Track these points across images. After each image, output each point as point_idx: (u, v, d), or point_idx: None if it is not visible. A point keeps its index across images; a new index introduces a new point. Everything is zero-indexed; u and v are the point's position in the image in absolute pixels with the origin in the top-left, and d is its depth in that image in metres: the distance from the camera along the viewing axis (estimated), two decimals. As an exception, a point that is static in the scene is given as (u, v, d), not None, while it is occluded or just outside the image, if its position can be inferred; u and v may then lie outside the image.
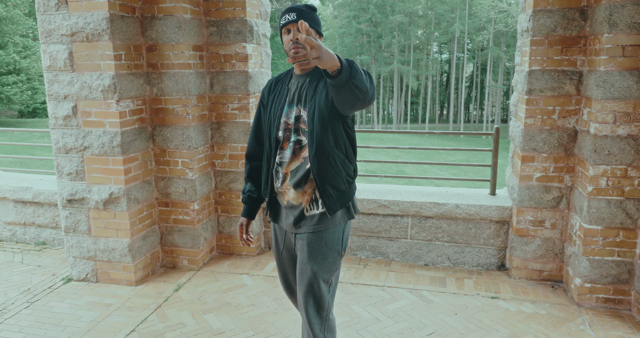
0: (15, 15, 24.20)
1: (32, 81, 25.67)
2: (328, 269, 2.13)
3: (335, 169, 2.05)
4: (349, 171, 2.11)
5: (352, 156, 2.13)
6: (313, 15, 2.05)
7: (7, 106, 25.85)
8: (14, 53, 24.31)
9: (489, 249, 3.98)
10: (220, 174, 4.19)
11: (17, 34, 25.10)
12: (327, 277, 2.13)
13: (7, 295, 3.65)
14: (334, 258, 2.14)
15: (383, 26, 42.15)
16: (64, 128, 3.58)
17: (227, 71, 3.97)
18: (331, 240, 2.12)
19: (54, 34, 3.43)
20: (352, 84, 1.67)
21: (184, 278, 3.87)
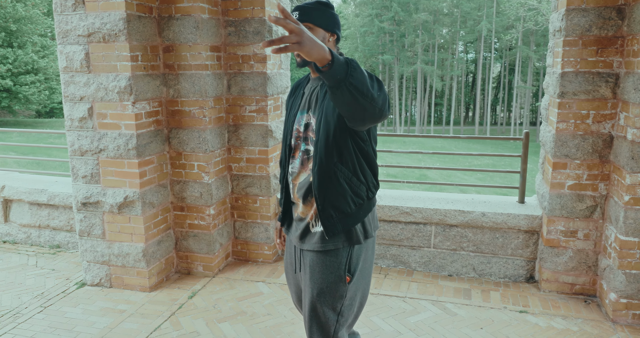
0: (34, 15, 24.81)
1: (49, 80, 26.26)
2: (330, 295, 2.00)
3: (338, 188, 1.92)
4: (359, 191, 1.95)
5: (367, 174, 1.97)
6: (321, 11, 1.91)
7: (25, 106, 26.48)
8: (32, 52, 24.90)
9: (517, 260, 3.90)
10: (237, 178, 4.20)
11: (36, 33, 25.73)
12: (331, 303, 2.01)
13: (21, 298, 3.71)
14: (335, 284, 1.99)
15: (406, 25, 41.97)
16: (80, 130, 3.63)
17: (245, 72, 3.99)
18: (333, 263, 1.98)
19: (70, 34, 3.48)
20: (349, 85, 1.48)
21: (199, 285, 3.89)
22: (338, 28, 1.97)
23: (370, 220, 2.03)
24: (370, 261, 2.10)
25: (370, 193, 2.00)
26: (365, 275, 2.08)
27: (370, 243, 2.06)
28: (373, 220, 2.06)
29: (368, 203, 2.01)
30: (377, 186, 2.05)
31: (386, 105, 1.61)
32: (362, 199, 1.97)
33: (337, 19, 1.98)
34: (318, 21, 1.90)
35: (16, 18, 23.98)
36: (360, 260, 2.01)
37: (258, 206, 4.20)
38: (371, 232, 2.03)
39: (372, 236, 2.04)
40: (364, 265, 2.05)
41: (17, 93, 24.45)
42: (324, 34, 1.91)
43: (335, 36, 1.96)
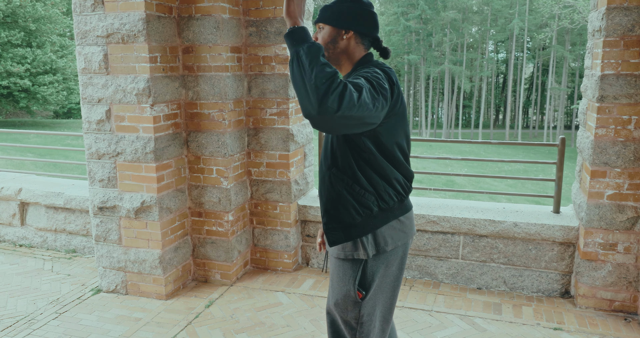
0: (54, 14, 25.40)
1: (68, 81, 26.83)
2: (342, 308, 2.00)
3: (333, 196, 1.92)
4: (364, 201, 1.90)
5: (376, 183, 1.90)
6: (333, 9, 1.94)
7: (43, 107, 27.09)
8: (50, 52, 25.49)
9: (551, 273, 3.81)
10: (257, 183, 4.21)
11: (55, 33, 26.34)
12: (347, 316, 2.00)
13: (37, 304, 3.78)
14: (346, 298, 1.98)
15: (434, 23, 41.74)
16: (97, 133, 3.69)
17: (266, 73, 4.00)
18: (345, 274, 1.97)
19: (89, 35, 3.54)
20: (295, 57, 1.60)
21: (216, 294, 3.90)
22: (355, 23, 1.93)
23: (388, 232, 1.96)
24: (395, 276, 2.05)
25: (382, 203, 1.93)
26: (386, 289, 2.04)
27: (393, 257, 2.00)
28: (394, 233, 1.97)
29: (381, 213, 1.94)
30: (398, 196, 1.97)
31: (332, 99, 1.53)
32: (370, 209, 1.91)
33: (351, 13, 1.93)
34: (327, 20, 1.94)
35: (35, 17, 24.59)
36: (377, 274, 1.97)
37: (278, 212, 4.20)
38: (385, 246, 1.95)
39: (385, 251, 1.96)
40: (384, 280, 2.01)
41: (35, 93, 25.04)
42: (335, 31, 1.93)
43: (351, 33, 1.93)
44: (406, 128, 1.98)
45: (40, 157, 16.53)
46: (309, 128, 4.45)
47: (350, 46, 1.95)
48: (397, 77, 1.89)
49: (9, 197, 4.90)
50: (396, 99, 1.84)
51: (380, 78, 1.78)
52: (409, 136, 2.02)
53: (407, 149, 2.00)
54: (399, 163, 1.95)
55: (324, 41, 1.95)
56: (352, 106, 1.57)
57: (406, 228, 2.02)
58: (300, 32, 1.67)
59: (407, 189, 2.01)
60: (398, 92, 1.85)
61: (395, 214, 1.97)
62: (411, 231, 2.05)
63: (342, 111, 1.55)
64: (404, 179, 1.99)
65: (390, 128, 1.87)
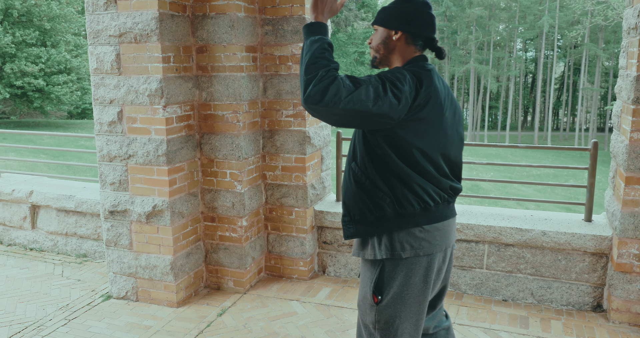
0: (69, 13, 25.89)
1: (82, 80, 27.31)
2: (362, 309, 2.05)
3: (350, 189, 2.01)
4: (378, 201, 1.94)
5: (393, 185, 1.93)
6: (386, 10, 2.03)
7: (57, 107, 27.60)
8: (65, 52, 25.96)
9: (582, 286, 3.73)
10: (272, 187, 4.21)
11: (70, 32, 26.84)
12: (363, 319, 2.05)
13: (46, 310, 3.83)
14: (364, 299, 2.03)
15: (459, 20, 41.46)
16: (109, 135, 3.72)
17: (282, 73, 4.00)
18: (365, 275, 2.04)
19: (101, 34, 3.58)
20: (302, 48, 1.84)
21: (229, 302, 3.90)
22: (404, 23, 1.99)
23: (407, 239, 1.96)
24: (420, 289, 2.01)
25: (399, 207, 1.94)
26: (410, 302, 2.01)
27: (416, 267, 1.99)
28: (415, 241, 1.97)
29: (397, 217, 1.94)
30: (420, 203, 1.96)
31: (311, 95, 1.70)
32: (383, 209, 1.94)
33: (401, 13, 2.00)
34: (380, 21, 2.04)
35: (50, 16, 25.09)
36: (394, 281, 1.98)
37: (293, 218, 4.19)
38: (401, 252, 1.95)
39: (401, 258, 1.96)
40: (406, 290, 2.00)
41: (49, 93, 25.52)
42: (386, 32, 2.02)
43: (400, 34, 1.99)
44: (441, 138, 1.96)
45: (54, 158, 16.83)
46: (326, 130, 4.44)
47: (400, 47, 2.02)
48: (436, 84, 1.92)
49: (20, 200, 4.98)
50: (421, 104, 1.86)
51: (400, 79, 1.82)
52: (447, 147, 2.00)
53: (438, 159, 1.97)
54: (423, 170, 1.94)
55: (376, 43, 2.05)
56: (337, 100, 1.70)
57: (433, 238, 1.99)
58: (316, 26, 1.87)
59: (436, 199, 1.99)
60: (426, 97, 1.87)
61: (417, 221, 1.96)
62: (441, 243, 2.01)
63: (324, 103, 1.70)
64: (435, 187, 1.98)
65: (412, 132, 1.88)
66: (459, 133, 2.09)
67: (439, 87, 1.94)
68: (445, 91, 2.01)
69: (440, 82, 1.99)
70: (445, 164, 2.02)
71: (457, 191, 2.09)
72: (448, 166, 2.04)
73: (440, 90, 1.94)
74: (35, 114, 32.08)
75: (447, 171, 2.02)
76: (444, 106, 1.95)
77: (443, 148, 1.99)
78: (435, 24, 2.06)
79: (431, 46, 2.06)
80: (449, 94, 2.05)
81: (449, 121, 2.00)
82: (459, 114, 2.11)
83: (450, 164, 2.05)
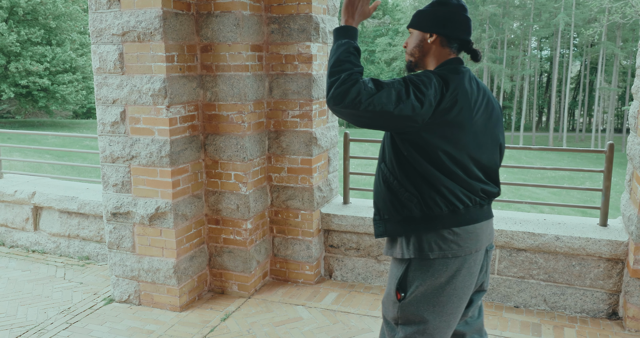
0: (74, 11, 26.12)
1: (87, 80, 27.51)
2: (385, 305, 2.13)
3: (379, 189, 2.10)
4: (405, 201, 2.02)
5: (420, 187, 1.99)
6: (422, 13, 2.10)
7: (62, 106, 27.82)
8: (70, 50, 26.17)
9: (596, 292, 3.68)
10: (277, 189, 4.20)
11: (75, 30, 27.06)
12: (386, 315, 2.12)
13: (47, 313, 3.85)
14: (388, 296, 2.11)
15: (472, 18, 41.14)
16: (111, 135, 3.74)
17: (288, 73, 3.99)
18: (392, 272, 2.12)
19: (104, 33, 3.60)
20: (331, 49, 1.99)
21: (233, 306, 3.90)
22: (438, 26, 2.05)
23: (435, 240, 2.01)
24: (448, 293, 2.03)
25: (426, 208, 1.99)
26: (434, 303, 2.03)
27: (441, 268, 2.01)
28: (443, 243, 2.00)
29: (424, 218, 2.00)
30: (448, 205, 1.99)
31: (333, 96, 1.83)
32: (410, 210, 2.01)
33: (436, 16, 2.06)
34: (415, 24, 2.11)
35: (56, 14, 25.31)
36: (418, 280, 2.03)
37: (299, 221, 4.18)
38: (429, 253, 2.01)
39: (428, 258, 2.02)
40: (431, 291, 2.03)
41: (54, 93, 25.74)
42: (421, 35, 2.08)
43: (435, 36, 2.05)
44: (470, 141, 1.98)
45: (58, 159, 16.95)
46: (333, 131, 4.43)
47: (435, 49, 2.08)
48: (465, 87, 1.96)
49: (22, 201, 5.02)
50: (447, 108, 1.91)
51: (425, 82, 1.89)
52: (478, 151, 2.02)
53: (467, 162, 1.99)
54: (450, 172, 1.98)
55: (411, 46, 2.12)
56: (357, 102, 1.81)
57: (462, 241, 2.02)
58: (344, 30, 2.00)
59: (466, 201, 2.01)
60: (452, 101, 1.92)
61: (446, 223, 2.00)
62: (471, 246, 2.03)
63: (345, 105, 1.82)
64: (464, 190, 2.01)
65: (438, 136, 1.93)
66: (493, 137, 2.10)
67: (469, 90, 1.98)
68: (480, 94, 2.03)
69: (474, 85, 2.02)
70: (476, 168, 2.03)
71: (492, 194, 2.10)
72: (480, 170, 2.05)
73: (470, 93, 1.98)
74: (40, 113, 32.37)
75: (479, 174, 2.05)
76: (473, 109, 1.98)
77: (473, 152, 2.00)
78: (471, 27, 2.11)
79: (466, 48, 2.11)
80: (486, 97, 2.07)
81: (481, 124, 2.02)
82: (496, 117, 2.11)
83: (482, 168, 2.06)
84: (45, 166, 14.90)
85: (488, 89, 2.15)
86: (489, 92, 2.12)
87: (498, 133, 2.13)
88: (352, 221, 4.18)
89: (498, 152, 2.14)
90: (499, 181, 2.15)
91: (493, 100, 2.12)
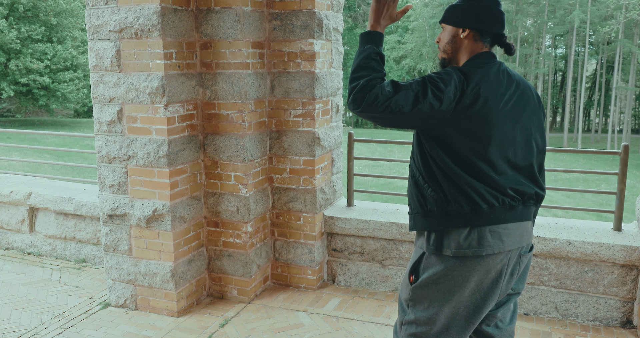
0: (75, 8, 26.26)
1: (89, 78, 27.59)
2: (402, 286, 2.23)
3: (410, 184, 2.20)
4: (428, 198, 2.09)
5: (443, 184, 2.04)
6: (454, 8, 2.16)
7: (63, 105, 27.97)
8: (71, 48, 26.31)
9: (610, 300, 3.64)
10: (279, 191, 4.18)
11: (76, 27, 27.21)
12: (401, 296, 2.22)
13: (41, 318, 3.84)
14: (405, 278, 2.20)
15: (483, 15, 41.08)
16: (108, 135, 3.73)
17: (290, 71, 3.98)
18: (412, 258, 2.21)
19: (101, 30, 3.59)
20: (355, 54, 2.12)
21: (232, 312, 3.88)
22: (471, 21, 2.10)
23: (454, 238, 2.03)
24: (462, 291, 2.06)
25: (447, 205, 2.03)
26: (446, 297, 2.08)
27: (457, 266, 2.04)
28: (463, 241, 2.02)
29: (446, 215, 2.03)
30: (471, 204, 2.00)
31: (352, 101, 1.96)
32: (433, 207, 2.07)
33: (469, 11, 2.11)
34: (447, 19, 2.17)
35: (57, 11, 25.46)
36: (429, 269, 2.09)
37: (302, 223, 4.16)
38: (447, 249, 2.05)
39: (443, 255, 2.06)
40: (443, 283, 2.07)
41: (55, 91, 25.88)
42: (454, 30, 2.14)
43: (467, 31, 2.10)
44: (496, 136, 1.99)
45: (58, 159, 17.04)
46: (337, 131, 4.40)
47: (467, 44, 2.13)
48: (491, 80, 2.00)
49: (18, 202, 5.02)
50: (469, 103, 1.95)
51: (445, 79, 1.96)
52: (506, 147, 2.03)
53: (494, 159, 2.01)
54: (474, 170, 2.00)
55: (444, 41, 2.18)
56: (375, 106, 1.93)
57: (484, 240, 2.01)
58: (368, 36, 2.11)
59: (490, 201, 2.01)
60: (474, 96, 1.96)
61: (468, 222, 2.01)
62: (494, 247, 2.01)
63: (363, 109, 1.95)
64: (490, 189, 2.01)
65: (461, 131, 1.98)
66: (526, 132, 2.09)
67: (496, 83, 2.01)
68: (510, 87, 2.05)
69: (503, 77, 2.05)
70: (507, 165, 2.03)
71: (526, 195, 2.07)
72: (512, 167, 2.05)
73: (497, 86, 2.01)
74: (41, 112, 32.55)
75: (508, 172, 2.04)
76: (500, 103, 2.00)
77: (501, 148, 2.01)
78: (504, 21, 2.14)
79: (500, 42, 2.15)
80: (518, 90, 2.08)
81: (510, 118, 2.03)
82: (530, 111, 2.12)
83: (514, 165, 2.05)
84: (45, 166, 14.98)
85: (525, 82, 2.17)
86: (525, 86, 2.13)
87: (531, 128, 2.12)
88: (356, 225, 4.15)
89: (534, 148, 2.13)
90: (538, 180, 2.13)
91: (529, 94, 2.13)
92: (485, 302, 2.08)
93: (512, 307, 2.30)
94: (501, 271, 2.06)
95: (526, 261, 2.15)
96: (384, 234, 4.09)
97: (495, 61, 2.08)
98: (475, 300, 2.07)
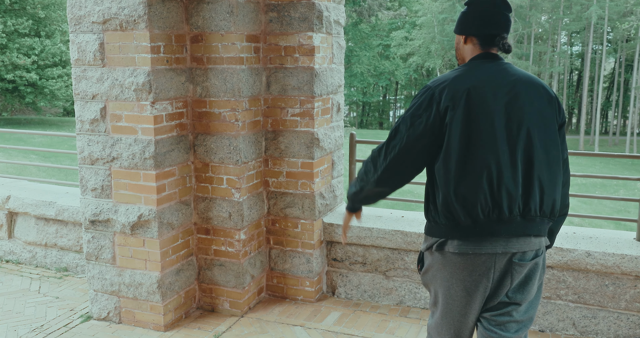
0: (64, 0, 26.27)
1: (78, 74, 27.66)
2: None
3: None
4: (432, 203, 2.26)
5: (435, 195, 2.24)
6: (458, 17, 2.35)
7: (51, 103, 27.98)
8: (60, 43, 26.34)
9: (632, 316, 3.56)
10: (275, 196, 4.11)
11: (66, 21, 27.23)
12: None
13: (17, 331, 3.77)
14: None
15: (495, 11, 41.11)
16: (90, 134, 3.66)
17: (287, 67, 3.91)
18: None
19: (83, 21, 3.53)
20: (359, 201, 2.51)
21: (223, 326, 3.81)
22: (466, 26, 2.28)
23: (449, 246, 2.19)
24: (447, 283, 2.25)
25: (436, 216, 2.22)
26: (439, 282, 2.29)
27: (441, 260, 2.24)
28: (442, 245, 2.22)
29: (435, 223, 2.24)
30: (445, 219, 2.19)
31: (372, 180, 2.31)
32: (429, 213, 2.27)
33: (463, 17, 2.29)
34: (455, 29, 2.37)
35: (45, 4, 25.50)
36: (427, 261, 2.35)
37: (299, 231, 4.09)
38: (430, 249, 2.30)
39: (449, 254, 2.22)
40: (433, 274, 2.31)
41: (42, 88, 25.88)
42: (458, 39, 2.35)
43: (463, 37, 2.29)
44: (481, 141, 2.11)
45: (45, 160, 17.00)
46: (337, 132, 4.34)
47: (465, 49, 2.32)
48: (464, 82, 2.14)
49: (-4, 205, 4.95)
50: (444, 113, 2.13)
51: (416, 104, 2.19)
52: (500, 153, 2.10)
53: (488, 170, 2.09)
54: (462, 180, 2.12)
55: (455, 49, 2.41)
56: (379, 166, 2.26)
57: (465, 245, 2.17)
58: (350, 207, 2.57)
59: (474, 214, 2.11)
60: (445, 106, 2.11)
61: (448, 234, 2.19)
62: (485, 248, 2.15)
63: (379, 175, 2.27)
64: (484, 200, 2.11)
65: (449, 139, 2.13)
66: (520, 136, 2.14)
67: (478, 84, 2.13)
68: (503, 86, 2.14)
69: (497, 76, 2.17)
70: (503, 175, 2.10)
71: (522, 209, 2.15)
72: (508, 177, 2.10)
73: (479, 86, 2.13)
74: (28, 110, 32.59)
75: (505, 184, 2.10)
76: (481, 105, 2.11)
77: (492, 155, 2.09)
78: (495, 20, 2.23)
79: (491, 42, 2.25)
80: (514, 91, 2.15)
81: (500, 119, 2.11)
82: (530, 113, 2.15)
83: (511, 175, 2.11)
84: (30, 167, 14.93)
85: (533, 80, 2.21)
86: (531, 85, 2.18)
87: (532, 130, 2.14)
88: (357, 232, 4.08)
89: (542, 154, 2.15)
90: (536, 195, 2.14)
91: (533, 94, 2.16)
92: (473, 298, 2.22)
93: (515, 317, 2.30)
94: (486, 273, 2.17)
95: (525, 271, 2.20)
96: (388, 243, 4.01)
97: (495, 62, 2.22)
98: (462, 295, 2.24)
